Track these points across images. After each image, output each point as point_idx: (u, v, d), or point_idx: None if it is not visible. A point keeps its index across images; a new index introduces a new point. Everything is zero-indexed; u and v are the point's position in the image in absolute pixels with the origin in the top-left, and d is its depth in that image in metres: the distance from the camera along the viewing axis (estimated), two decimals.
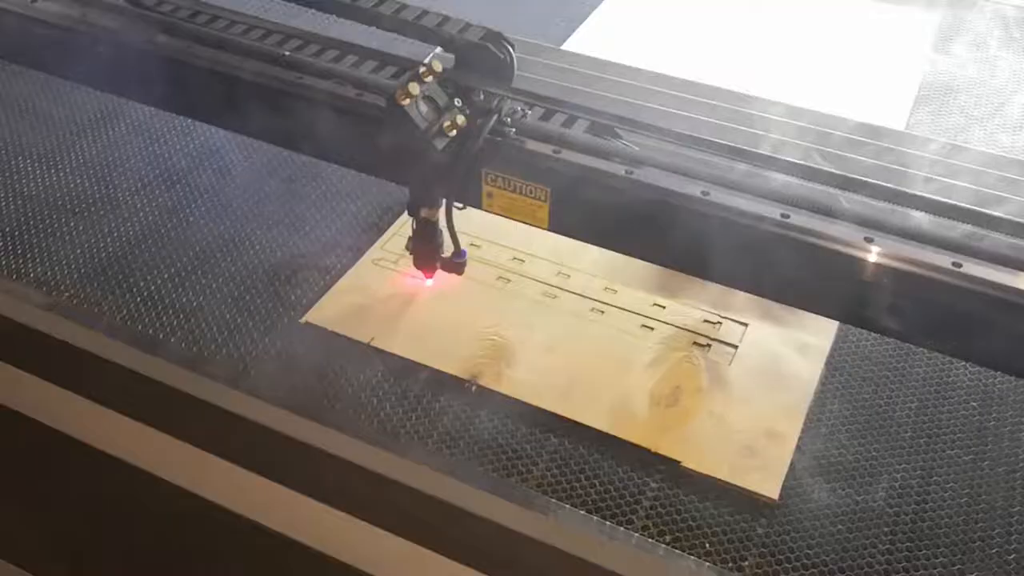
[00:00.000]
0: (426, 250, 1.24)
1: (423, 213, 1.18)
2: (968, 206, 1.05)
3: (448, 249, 1.23)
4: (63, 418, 1.24)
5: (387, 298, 1.31)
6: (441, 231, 1.21)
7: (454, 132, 1.08)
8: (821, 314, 1.12)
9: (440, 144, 1.07)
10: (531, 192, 1.10)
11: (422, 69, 1.09)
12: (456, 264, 1.23)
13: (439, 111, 1.08)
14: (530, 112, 1.13)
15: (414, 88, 1.06)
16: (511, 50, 1.14)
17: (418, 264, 1.27)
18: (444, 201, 1.15)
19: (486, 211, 1.16)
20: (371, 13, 1.16)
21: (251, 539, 1.17)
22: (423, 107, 1.07)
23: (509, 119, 1.10)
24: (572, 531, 1.04)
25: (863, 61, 1.87)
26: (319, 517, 1.12)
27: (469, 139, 1.09)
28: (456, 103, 1.11)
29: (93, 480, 1.27)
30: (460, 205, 1.15)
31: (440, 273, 1.32)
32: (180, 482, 1.19)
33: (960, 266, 0.95)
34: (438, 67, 1.10)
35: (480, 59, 1.13)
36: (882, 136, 1.58)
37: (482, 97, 1.13)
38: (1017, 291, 0.94)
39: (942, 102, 1.78)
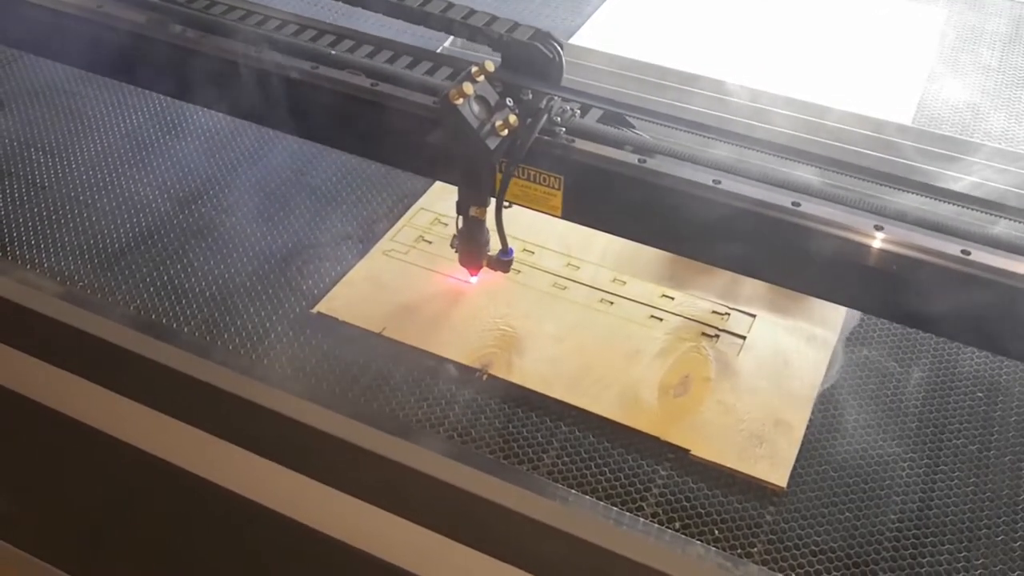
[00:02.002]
0: (473, 248, 1.23)
1: (472, 212, 1.17)
2: (976, 194, 1.06)
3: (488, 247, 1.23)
4: (77, 406, 1.25)
5: (398, 288, 1.32)
6: (487, 229, 1.21)
7: (506, 132, 1.08)
8: (830, 301, 1.13)
9: (493, 144, 1.07)
10: (545, 180, 1.11)
11: (474, 69, 1.08)
12: (503, 262, 1.23)
13: (490, 111, 1.08)
14: (579, 111, 1.13)
15: (468, 88, 1.06)
16: (559, 49, 1.14)
17: (464, 262, 1.26)
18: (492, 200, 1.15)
19: None
20: (419, 12, 1.16)
21: (262, 524, 1.18)
22: (475, 107, 1.07)
23: (559, 118, 1.10)
24: (583, 517, 1.05)
25: (870, 55, 1.88)
26: (329, 502, 1.13)
27: (520, 138, 1.08)
28: (507, 103, 1.10)
29: (107, 467, 1.28)
30: (508, 203, 1.15)
31: (445, 266, 1.33)
32: (193, 468, 1.20)
33: (969, 254, 0.96)
34: (490, 67, 1.10)
35: (529, 59, 1.13)
36: (887, 130, 1.60)
37: (530, 96, 1.12)
38: None
39: (948, 96, 1.79)
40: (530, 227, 1.40)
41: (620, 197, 1.09)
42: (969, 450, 1.16)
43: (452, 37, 1.66)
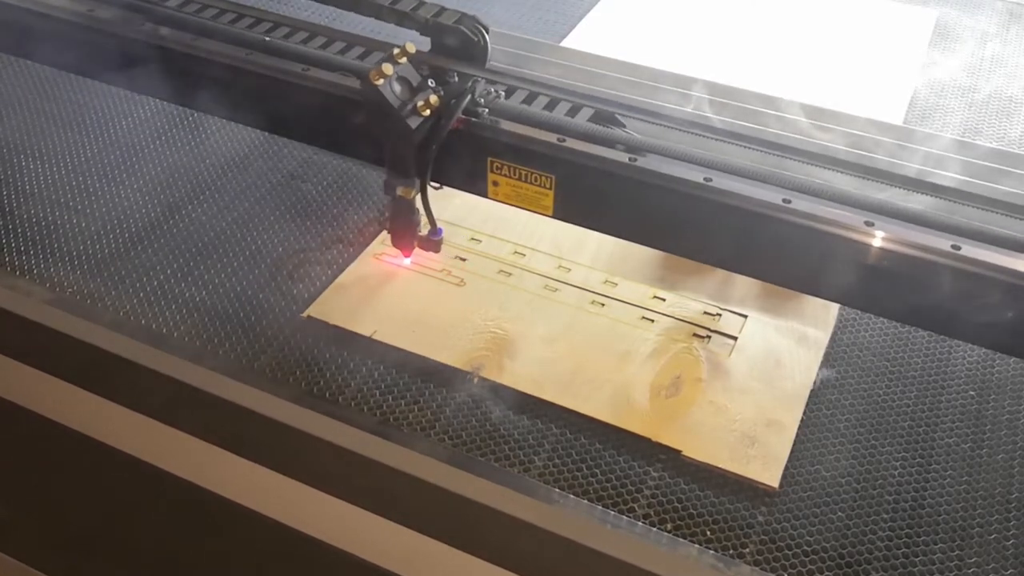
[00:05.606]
0: (403, 228, 1.27)
1: (399, 191, 1.20)
2: (967, 190, 1.06)
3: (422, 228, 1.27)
4: (66, 413, 1.25)
5: (389, 292, 1.32)
6: (418, 210, 1.23)
7: (428, 112, 1.10)
8: (822, 297, 1.13)
9: (414, 123, 1.10)
10: (536, 180, 1.11)
11: (396, 51, 1.11)
12: (433, 242, 1.27)
13: (413, 91, 1.11)
14: (503, 93, 1.16)
15: (388, 68, 1.09)
16: (485, 33, 1.17)
17: (396, 243, 1.30)
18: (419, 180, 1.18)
19: (491, 199, 1.17)
20: None
21: (253, 528, 1.18)
22: (397, 87, 1.10)
23: (483, 100, 1.13)
24: (575, 520, 1.05)
25: (861, 57, 1.88)
26: (323, 507, 1.12)
27: (442, 119, 1.11)
28: (430, 84, 1.13)
29: (98, 474, 1.28)
30: (436, 184, 1.18)
31: (442, 269, 1.34)
32: (184, 474, 1.20)
33: (959, 248, 0.97)
34: (411, 49, 1.13)
35: (455, 42, 1.16)
36: (878, 130, 1.59)
37: (456, 78, 1.15)
38: (1015, 272, 0.96)
39: (939, 97, 1.79)
40: (521, 230, 1.40)
41: (611, 196, 1.10)
42: (961, 448, 1.16)
43: None
